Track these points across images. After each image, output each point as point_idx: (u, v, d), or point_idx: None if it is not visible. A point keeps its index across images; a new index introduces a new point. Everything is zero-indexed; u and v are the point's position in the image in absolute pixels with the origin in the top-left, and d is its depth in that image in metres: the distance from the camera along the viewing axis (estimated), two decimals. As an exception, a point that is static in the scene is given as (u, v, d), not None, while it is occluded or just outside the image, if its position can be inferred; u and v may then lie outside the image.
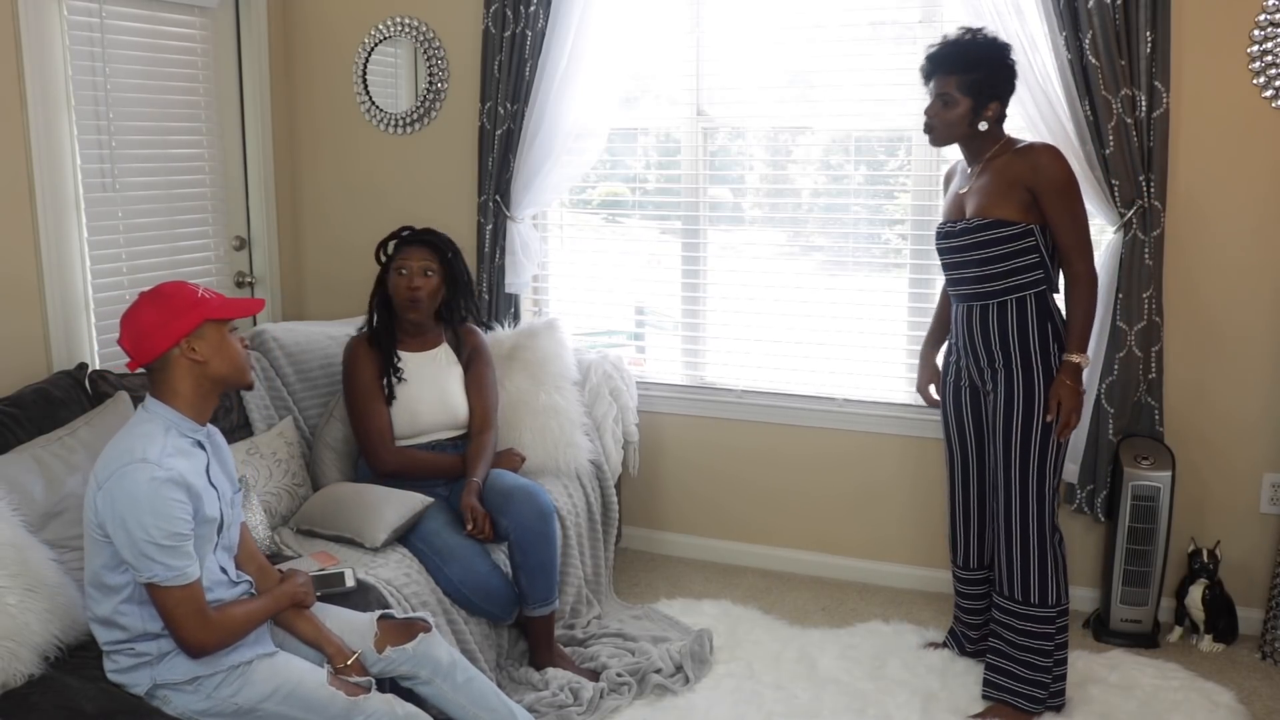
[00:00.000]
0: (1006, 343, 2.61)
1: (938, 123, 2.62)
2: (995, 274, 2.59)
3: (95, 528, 1.94)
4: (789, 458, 3.63)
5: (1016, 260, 2.57)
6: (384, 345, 2.98)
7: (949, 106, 2.58)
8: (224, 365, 2.04)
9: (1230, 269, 3.06)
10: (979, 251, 2.59)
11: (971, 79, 2.56)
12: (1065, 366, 2.57)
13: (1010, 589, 2.66)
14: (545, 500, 2.84)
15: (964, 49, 2.58)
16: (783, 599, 3.46)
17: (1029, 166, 2.54)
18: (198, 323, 2.00)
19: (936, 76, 2.60)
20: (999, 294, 2.60)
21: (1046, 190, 2.52)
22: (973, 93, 2.56)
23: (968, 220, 2.62)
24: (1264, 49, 2.92)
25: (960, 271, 2.67)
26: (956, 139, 2.65)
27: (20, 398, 2.57)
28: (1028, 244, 2.56)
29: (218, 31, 3.62)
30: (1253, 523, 3.15)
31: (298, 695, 2.01)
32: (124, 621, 1.97)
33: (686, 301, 3.76)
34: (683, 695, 2.80)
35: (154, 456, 1.91)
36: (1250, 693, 2.85)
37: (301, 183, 3.99)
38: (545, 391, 3.24)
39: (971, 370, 2.73)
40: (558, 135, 3.46)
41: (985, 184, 2.60)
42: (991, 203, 2.57)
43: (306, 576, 2.23)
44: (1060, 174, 2.53)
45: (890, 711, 2.72)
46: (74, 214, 3.05)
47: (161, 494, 1.88)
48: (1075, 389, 2.56)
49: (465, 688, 2.27)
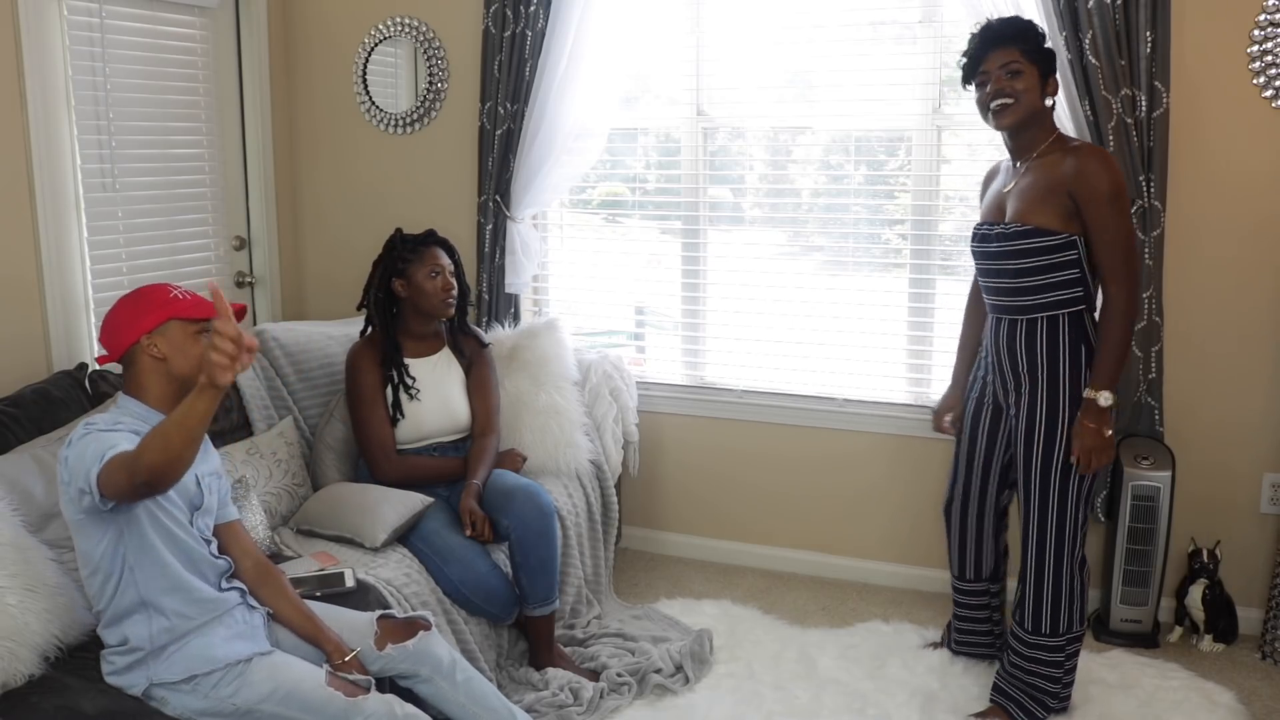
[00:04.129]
0: (1034, 364, 2.42)
1: (1014, 92, 2.37)
2: (1030, 287, 2.40)
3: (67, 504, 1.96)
4: (789, 458, 3.63)
5: (1055, 274, 2.37)
6: (391, 355, 2.96)
7: (1017, 76, 2.37)
8: (184, 364, 2.04)
9: (1230, 269, 3.06)
10: (1015, 261, 2.40)
11: (1033, 47, 2.39)
12: (1087, 407, 2.36)
13: (1022, 616, 2.57)
14: (546, 500, 2.84)
15: (1016, 22, 2.43)
16: (783, 599, 3.46)
17: (1074, 169, 2.33)
18: (162, 320, 2.04)
19: (996, 50, 2.39)
20: (1032, 309, 2.42)
21: (1089, 198, 2.31)
22: (1038, 60, 2.38)
23: (1005, 225, 2.42)
24: (1264, 49, 2.92)
25: (995, 280, 2.49)
26: (1035, 109, 2.39)
27: (20, 398, 2.58)
28: (1069, 257, 2.35)
29: (218, 31, 3.62)
30: (1253, 523, 3.14)
31: (296, 696, 2.00)
32: (114, 607, 1.98)
33: (686, 301, 3.76)
34: (683, 695, 2.80)
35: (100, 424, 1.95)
36: (1250, 693, 2.85)
37: (301, 183, 3.99)
38: (545, 392, 3.24)
39: (997, 389, 2.58)
40: (558, 135, 3.47)
41: (1029, 185, 2.41)
42: (1032, 208, 2.38)
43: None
44: (1107, 181, 2.31)
45: (890, 711, 2.72)
46: (74, 214, 3.05)
47: (100, 435, 1.91)
48: (1099, 431, 2.35)
49: (465, 687, 2.27)
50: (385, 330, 2.99)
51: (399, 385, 2.95)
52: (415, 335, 3.02)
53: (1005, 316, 2.50)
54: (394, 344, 2.98)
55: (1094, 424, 2.36)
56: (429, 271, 2.95)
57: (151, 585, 1.98)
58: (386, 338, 2.98)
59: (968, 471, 2.75)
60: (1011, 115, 2.40)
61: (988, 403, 2.66)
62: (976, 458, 2.72)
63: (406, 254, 2.97)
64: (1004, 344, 2.51)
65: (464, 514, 2.75)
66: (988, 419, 2.67)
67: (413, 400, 2.95)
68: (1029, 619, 2.55)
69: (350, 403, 2.98)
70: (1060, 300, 2.40)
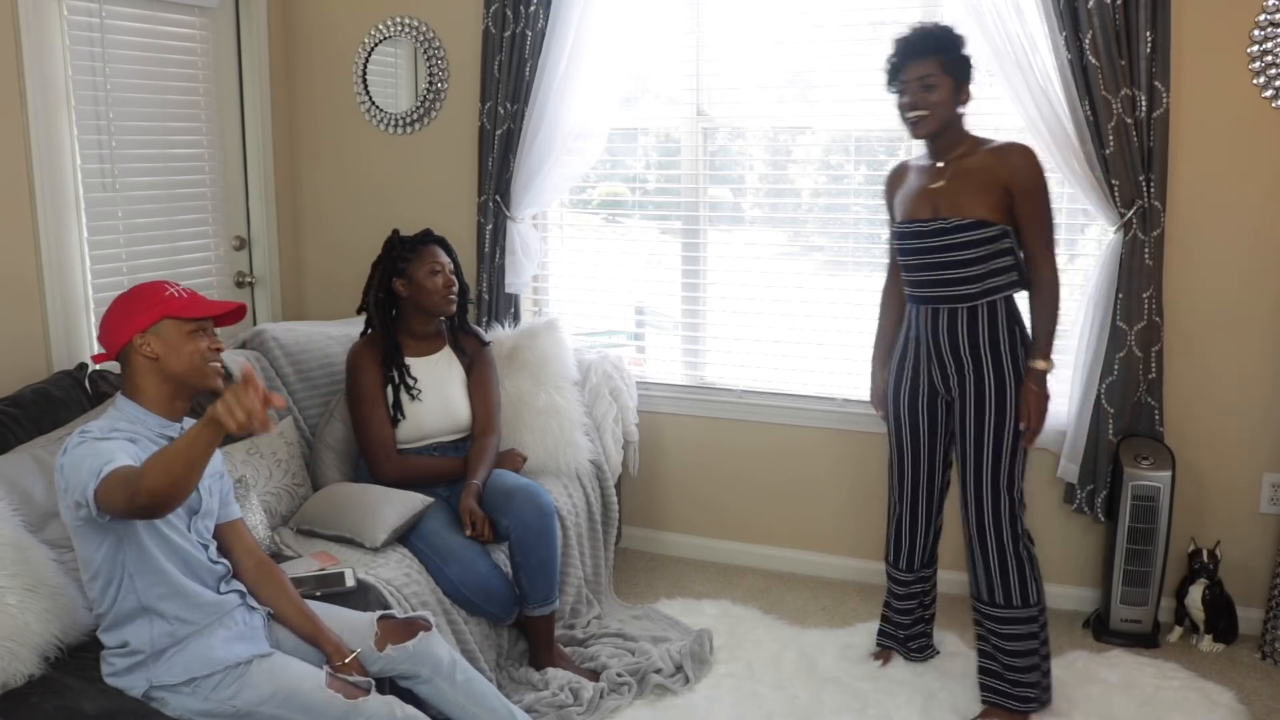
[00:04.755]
0: (978, 347, 2.58)
1: (927, 105, 2.53)
2: (970, 277, 2.55)
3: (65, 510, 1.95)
4: (789, 458, 3.63)
5: (992, 263, 2.54)
6: (392, 356, 2.96)
7: (931, 90, 2.52)
8: (178, 364, 2.02)
9: (1230, 269, 3.06)
10: (956, 253, 2.55)
11: (949, 59, 2.53)
12: (1032, 374, 2.56)
13: (990, 594, 2.65)
14: (546, 500, 2.84)
15: (934, 33, 2.56)
16: (783, 599, 3.46)
17: (1007, 165, 2.51)
18: (156, 319, 2.01)
19: (913, 62, 2.54)
20: (973, 297, 2.57)
21: (1024, 191, 2.51)
22: (953, 72, 2.53)
23: (945, 220, 2.56)
24: (1264, 49, 2.92)
25: (931, 273, 2.61)
26: (948, 122, 2.57)
27: (20, 398, 2.58)
28: (1004, 245, 2.54)
29: (218, 31, 3.62)
30: (1253, 523, 3.15)
31: (296, 698, 2.00)
32: (115, 612, 1.98)
33: (686, 301, 3.76)
34: (683, 695, 2.80)
35: (95, 431, 1.94)
36: (1250, 693, 2.85)
37: (301, 183, 3.99)
38: (545, 391, 3.24)
39: (934, 375, 2.68)
40: (558, 135, 3.46)
41: (961, 183, 2.55)
42: (970, 202, 2.53)
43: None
44: (1038, 175, 2.52)
45: (890, 711, 2.72)
46: (74, 214, 3.05)
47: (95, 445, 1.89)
48: (1043, 394, 2.57)
49: (465, 687, 2.27)
50: (385, 330, 2.99)
51: (400, 385, 2.95)
52: (416, 335, 3.02)
53: (944, 306, 2.61)
54: (394, 344, 2.98)
55: (1039, 387, 2.56)
56: (429, 269, 2.95)
57: (151, 592, 1.98)
58: (387, 337, 2.98)
59: (914, 458, 2.81)
60: (925, 127, 2.57)
61: (922, 388, 2.74)
62: (920, 442, 2.79)
63: (406, 253, 2.97)
64: (944, 333, 2.62)
65: (464, 514, 2.75)
66: (924, 404, 2.75)
67: (414, 400, 2.95)
68: (999, 593, 2.64)
69: (350, 402, 2.98)
70: (997, 286, 2.57)
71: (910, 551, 2.88)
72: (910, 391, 2.76)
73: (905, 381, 2.77)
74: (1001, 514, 2.60)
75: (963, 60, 2.56)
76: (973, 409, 2.60)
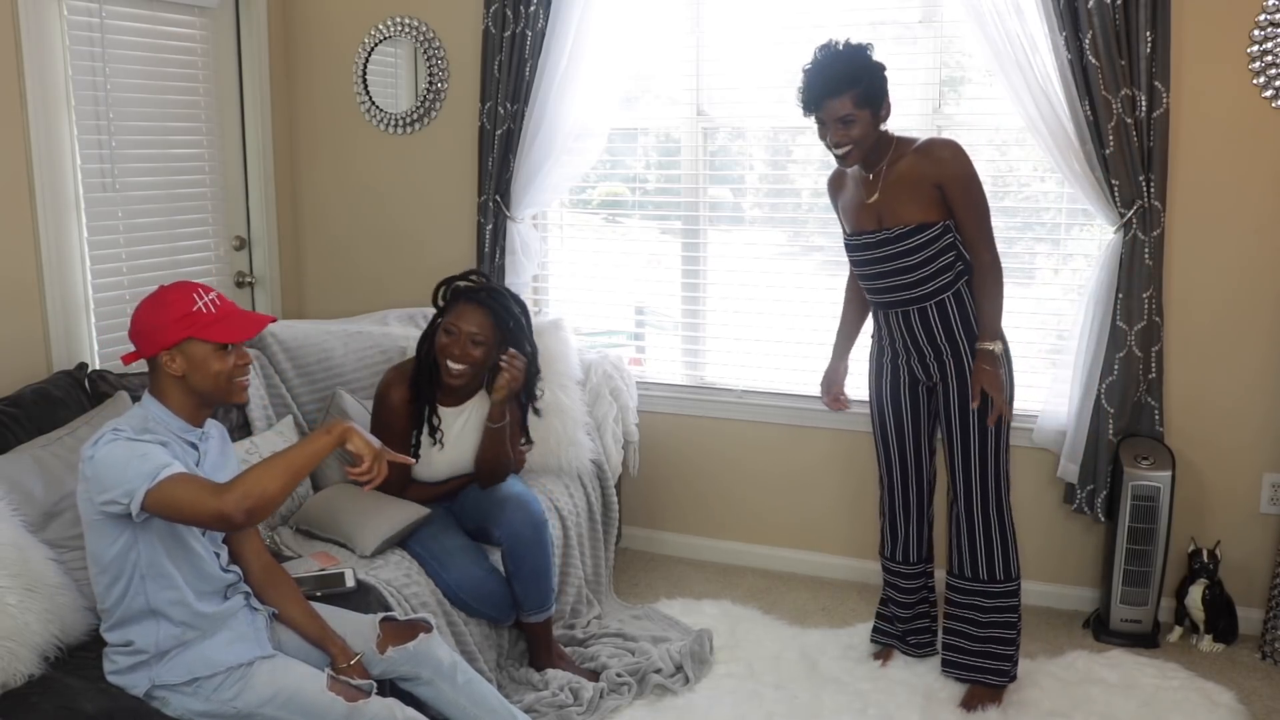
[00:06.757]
0: (953, 336, 2.65)
1: (850, 140, 2.54)
2: (925, 277, 2.61)
3: (85, 501, 1.93)
4: (789, 458, 3.63)
5: (941, 259, 2.60)
6: (425, 391, 2.80)
7: (851, 125, 2.53)
8: (204, 382, 2.00)
9: (1230, 269, 3.06)
10: (907, 259, 2.61)
11: (862, 90, 2.52)
12: (981, 354, 2.61)
13: (975, 570, 2.73)
14: (537, 509, 2.82)
15: (843, 65, 2.54)
16: (783, 599, 3.46)
17: (933, 163, 2.55)
18: (180, 339, 1.98)
19: (829, 101, 2.52)
20: (933, 294, 2.63)
21: (953, 183, 2.55)
22: (869, 102, 2.54)
23: (889, 229, 2.61)
24: (1264, 49, 2.92)
25: (887, 280, 2.66)
26: (871, 144, 2.59)
27: (20, 398, 2.58)
28: (947, 240, 2.59)
29: (218, 31, 3.62)
30: (1253, 523, 3.15)
31: (297, 700, 2.00)
32: (123, 611, 1.98)
33: (686, 301, 3.76)
34: (683, 695, 2.80)
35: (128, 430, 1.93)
36: (1250, 693, 2.85)
37: (301, 183, 3.99)
38: (549, 390, 3.23)
39: (914, 366, 2.74)
40: (558, 135, 3.46)
41: (896, 190, 2.59)
42: (909, 208, 2.58)
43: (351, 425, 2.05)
44: (964, 166, 2.56)
45: (890, 711, 2.72)
46: (74, 214, 3.05)
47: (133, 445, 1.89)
48: (995, 372, 2.62)
49: (465, 689, 2.27)
50: (429, 374, 2.80)
51: (425, 423, 2.82)
52: (446, 388, 2.82)
53: (911, 307, 2.67)
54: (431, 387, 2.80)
55: (991, 367, 2.62)
56: (445, 326, 2.73)
57: (161, 595, 1.97)
58: (424, 378, 2.80)
59: (899, 449, 2.85)
60: (851, 160, 2.62)
61: (904, 380, 2.78)
62: (905, 433, 2.83)
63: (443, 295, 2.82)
64: (918, 328, 2.68)
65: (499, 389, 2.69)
66: (907, 395, 2.80)
67: (434, 444, 2.84)
68: (982, 569, 2.71)
69: (373, 427, 2.85)
70: (951, 279, 2.63)
71: (905, 542, 2.91)
72: (892, 384, 2.82)
73: (886, 375, 2.83)
74: (989, 489, 2.67)
75: (876, 85, 2.55)
76: (955, 390, 2.67)
